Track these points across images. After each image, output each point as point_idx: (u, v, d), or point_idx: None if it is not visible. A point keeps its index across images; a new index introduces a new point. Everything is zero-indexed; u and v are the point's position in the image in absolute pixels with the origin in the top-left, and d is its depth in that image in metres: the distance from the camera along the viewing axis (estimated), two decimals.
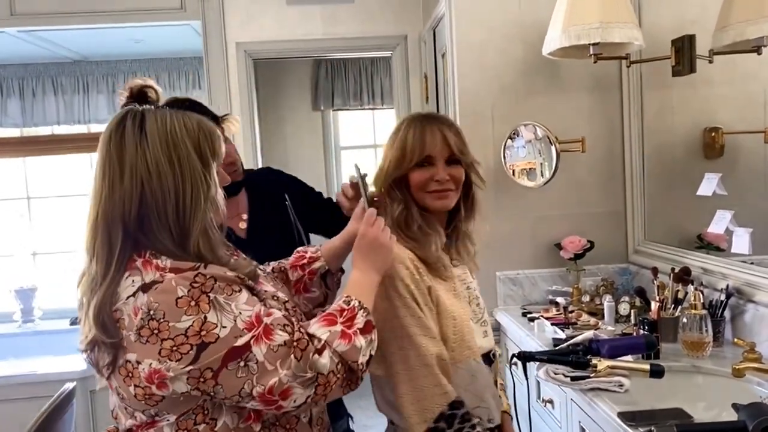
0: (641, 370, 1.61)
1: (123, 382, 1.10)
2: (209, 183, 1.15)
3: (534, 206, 2.76)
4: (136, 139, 1.11)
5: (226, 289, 1.09)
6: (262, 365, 1.07)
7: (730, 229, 2.10)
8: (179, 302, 1.05)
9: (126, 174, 1.10)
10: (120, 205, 1.10)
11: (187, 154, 1.12)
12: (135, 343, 1.07)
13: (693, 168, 2.41)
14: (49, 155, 4.88)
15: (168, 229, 1.11)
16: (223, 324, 1.06)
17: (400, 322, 1.32)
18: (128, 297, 1.08)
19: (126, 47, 4.39)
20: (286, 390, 1.08)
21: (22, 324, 4.41)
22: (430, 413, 1.29)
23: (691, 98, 2.50)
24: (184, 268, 1.09)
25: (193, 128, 1.15)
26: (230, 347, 1.06)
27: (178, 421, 1.12)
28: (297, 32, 3.60)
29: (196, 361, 1.05)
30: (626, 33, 2.26)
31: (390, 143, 1.47)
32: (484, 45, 2.72)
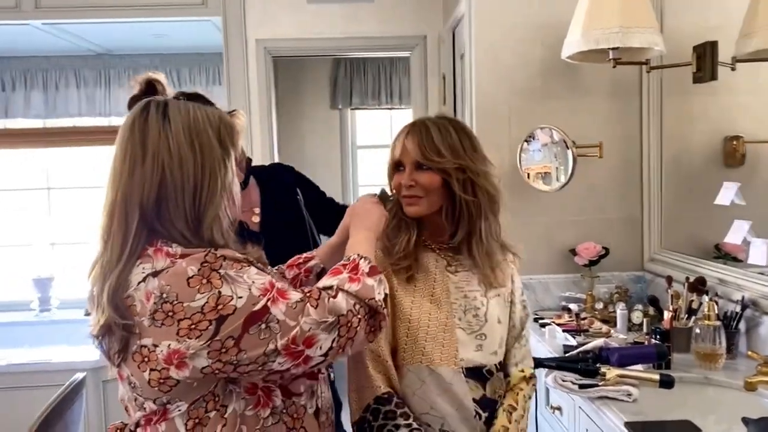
0: (651, 380, 1.59)
1: (137, 369, 1.10)
2: (227, 172, 1.17)
3: (549, 211, 2.73)
4: (160, 125, 1.12)
5: (235, 264, 1.10)
6: (284, 323, 1.08)
7: (747, 239, 2.06)
8: (191, 282, 1.06)
9: (148, 157, 1.11)
10: (139, 188, 1.10)
11: (208, 142, 1.14)
12: (150, 327, 1.07)
13: (712, 176, 2.37)
14: (70, 147, 4.95)
15: (184, 214, 1.12)
16: (238, 295, 1.07)
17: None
18: (138, 283, 1.08)
19: (148, 42, 4.43)
20: (309, 338, 1.09)
21: (39, 313, 4.48)
22: (363, 402, 1.34)
23: (712, 106, 2.47)
24: (194, 253, 1.10)
25: (215, 119, 1.17)
26: (249, 313, 1.06)
27: (189, 410, 1.12)
28: (317, 30, 3.61)
29: (216, 334, 1.05)
30: (647, 38, 2.23)
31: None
32: (503, 46, 2.70)
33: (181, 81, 4.83)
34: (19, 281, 4.66)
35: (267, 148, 3.65)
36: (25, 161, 5.00)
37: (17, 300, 4.61)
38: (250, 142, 3.60)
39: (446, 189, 1.42)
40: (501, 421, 1.42)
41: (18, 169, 5.00)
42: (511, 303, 1.54)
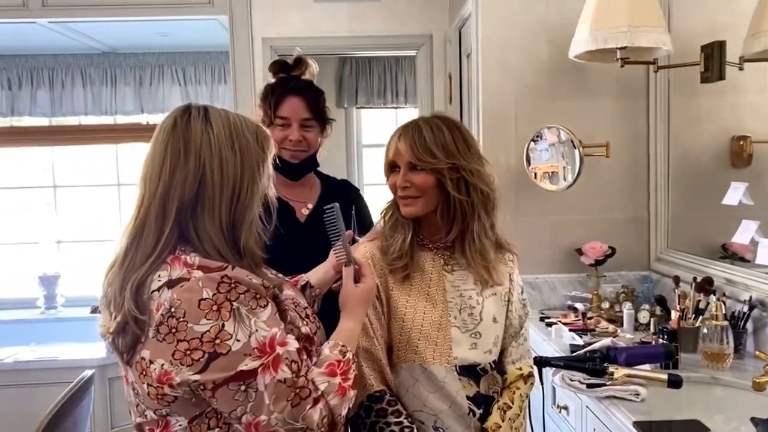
0: (659, 379, 1.59)
1: (138, 378, 1.10)
2: (263, 176, 1.17)
3: (555, 210, 2.73)
4: (202, 126, 1.13)
5: (251, 301, 1.09)
6: (261, 395, 1.07)
7: (755, 239, 2.06)
8: (202, 304, 1.06)
9: (191, 155, 1.11)
10: (181, 185, 1.11)
11: (247, 145, 1.15)
12: (152, 339, 1.07)
13: (719, 176, 2.37)
14: (76, 145, 4.97)
15: (218, 216, 1.12)
16: (237, 337, 1.06)
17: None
18: (153, 291, 1.09)
19: (154, 40, 4.44)
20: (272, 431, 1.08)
21: (45, 310, 4.50)
22: (357, 400, 1.33)
23: (720, 105, 2.46)
24: (212, 267, 1.10)
25: (252, 125, 1.19)
26: (237, 371, 1.06)
27: (191, 426, 1.12)
28: (323, 29, 3.61)
29: (204, 371, 1.05)
30: (654, 37, 2.23)
31: None
32: (510, 46, 2.70)
33: (187, 80, 4.84)
34: (25, 279, 4.68)
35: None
36: (31, 159, 5.02)
37: (23, 297, 4.64)
38: None
39: (441, 188, 1.42)
40: (494, 419, 1.44)
41: (24, 167, 5.02)
42: (509, 302, 1.54)
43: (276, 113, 1.84)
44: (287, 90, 1.86)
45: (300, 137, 1.85)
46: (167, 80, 4.83)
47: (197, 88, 4.84)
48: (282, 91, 1.86)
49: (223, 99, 4.78)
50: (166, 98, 4.81)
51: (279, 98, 1.84)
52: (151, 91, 4.83)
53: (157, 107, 4.78)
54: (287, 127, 1.85)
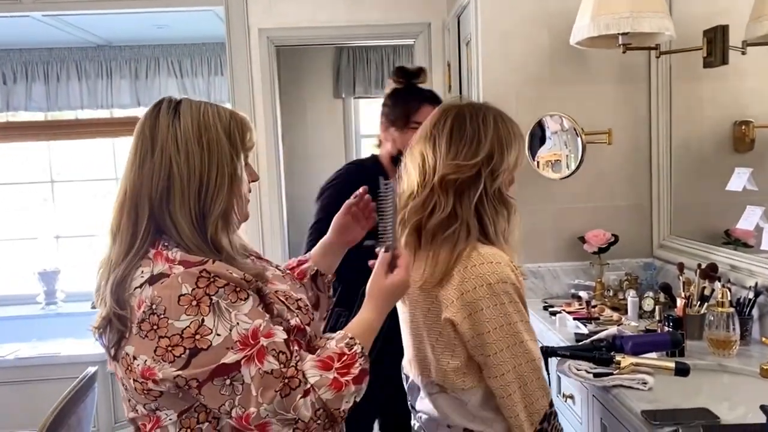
0: (666, 368, 1.59)
1: (125, 373, 1.12)
2: (236, 169, 1.17)
3: (558, 198, 2.72)
4: (169, 119, 1.14)
5: (231, 295, 1.09)
6: (248, 387, 1.06)
7: (760, 225, 2.05)
8: (181, 299, 1.06)
9: (156, 150, 1.13)
10: (148, 180, 1.12)
11: (216, 138, 1.15)
12: (135, 335, 1.08)
13: (722, 162, 2.36)
14: (72, 139, 4.94)
15: (188, 208, 1.12)
16: (218, 331, 1.06)
17: (513, 329, 1.29)
18: (135, 288, 1.10)
19: (149, 32, 4.40)
20: (263, 424, 1.07)
21: (45, 306, 4.49)
22: (538, 416, 1.30)
23: (722, 90, 2.45)
24: (192, 261, 1.10)
25: (226, 116, 1.18)
26: (220, 363, 1.05)
27: (181, 420, 1.13)
28: (320, 19, 3.58)
29: (186, 367, 1.05)
30: (657, 23, 2.21)
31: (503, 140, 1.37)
32: (510, 33, 2.67)
33: (183, 72, 4.80)
34: (24, 275, 4.66)
35: (271, 139, 3.64)
36: (28, 154, 4.98)
37: (23, 294, 4.62)
38: None
39: None
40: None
41: (21, 162, 4.99)
42: None
43: (412, 118, 1.99)
44: (425, 98, 2.03)
45: None
46: (163, 73, 4.80)
47: (194, 81, 4.80)
48: (420, 99, 2.02)
49: (221, 91, 4.75)
50: (163, 91, 4.77)
51: (418, 105, 2.01)
52: (148, 84, 4.79)
53: (154, 100, 4.70)
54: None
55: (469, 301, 1.29)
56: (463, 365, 1.33)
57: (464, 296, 1.29)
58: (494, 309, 1.28)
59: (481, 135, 1.35)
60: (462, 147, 1.35)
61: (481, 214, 1.35)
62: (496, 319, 1.28)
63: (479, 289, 1.28)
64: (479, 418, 1.35)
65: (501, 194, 1.37)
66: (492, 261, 1.29)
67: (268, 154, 3.63)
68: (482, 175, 1.33)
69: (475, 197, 1.34)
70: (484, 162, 1.34)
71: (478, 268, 1.29)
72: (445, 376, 1.34)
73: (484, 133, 1.35)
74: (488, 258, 1.30)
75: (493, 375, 1.29)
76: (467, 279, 1.29)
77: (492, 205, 1.35)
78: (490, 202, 1.35)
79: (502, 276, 1.28)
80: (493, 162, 1.34)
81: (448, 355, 1.33)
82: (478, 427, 1.36)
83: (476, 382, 1.33)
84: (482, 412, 1.35)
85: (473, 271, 1.29)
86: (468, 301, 1.29)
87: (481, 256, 1.30)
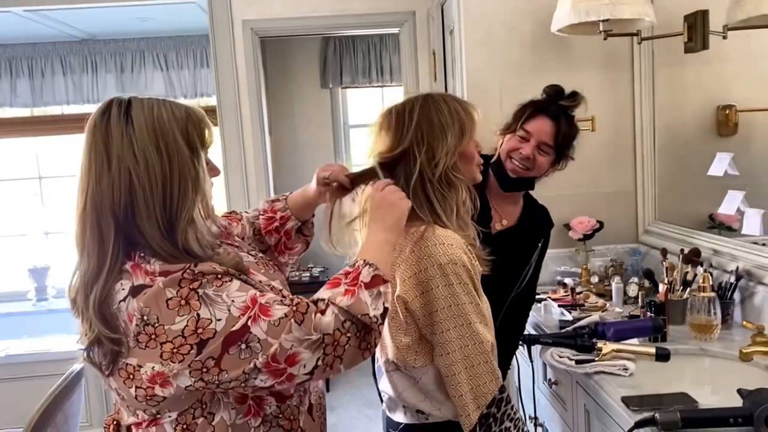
0: (647, 353, 1.60)
1: (123, 384, 1.09)
2: (197, 171, 1.12)
3: (542, 186, 2.69)
4: (122, 127, 1.08)
5: (215, 281, 1.07)
6: (265, 342, 1.04)
7: (741, 209, 2.06)
8: (170, 304, 1.04)
9: (113, 162, 1.06)
10: (109, 194, 1.07)
11: (174, 142, 1.09)
12: (134, 348, 1.05)
13: (705, 146, 2.37)
14: (59, 135, 4.91)
15: (155, 218, 1.07)
16: (217, 317, 1.04)
17: (461, 310, 1.31)
18: (120, 302, 1.07)
19: (133, 26, 4.37)
20: (292, 355, 1.05)
21: (36, 302, 4.48)
22: (485, 399, 1.31)
23: (704, 75, 2.45)
24: (173, 270, 1.07)
25: (181, 116, 1.12)
26: (228, 333, 1.04)
27: (178, 417, 1.12)
28: (304, 9, 3.56)
29: (198, 357, 1.04)
30: (637, 9, 2.21)
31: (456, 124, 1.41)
32: (492, 21, 2.66)
33: (169, 65, 4.78)
34: (15, 271, 4.65)
35: (257, 130, 3.62)
36: (15, 151, 4.96)
37: (14, 290, 4.61)
38: (240, 124, 3.57)
39: None
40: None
41: (8, 158, 4.96)
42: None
43: (523, 125, 1.90)
44: (545, 110, 1.91)
45: (531, 155, 1.90)
46: (149, 66, 4.77)
47: (179, 73, 4.78)
48: (539, 109, 1.92)
49: (207, 83, 4.72)
50: (149, 84, 4.75)
51: (533, 114, 1.90)
52: (133, 77, 4.77)
53: (140, 94, 4.71)
54: (525, 141, 1.90)
55: (421, 281, 1.32)
56: (415, 343, 1.35)
57: (417, 275, 1.32)
58: (444, 289, 1.30)
59: (405, 127, 1.38)
60: (385, 139, 1.40)
61: (430, 199, 1.38)
62: (445, 299, 1.31)
63: (430, 269, 1.31)
64: (430, 398, 1.38)
65: (447, 178, 1.39)
66: (444, 243, 1.32)
67: (254, 147, 3.62)
68: (417, 161, 1.37)
69: (409, 188, 1.37)
70: (416, 151, 1.37)
71: (430, 249, 1.32)
72: (398, 354, 1.37)
73: (408, 124, 1.38)
74: (441, 239, 1.33)
75: (439, 354, 1.32)
76: (421, 259, 1.32)
77: (437, 189, 1.38)
78: (435, 187, 1.38)
79: (452, 257, 1.31)
80: (425, 149, 1.37)
81: (401, 333, 1.35)
82: (427, 407, 1.38)
83: (428, 361, 1.36)
84: (434, 392, 1.37)
85: (426, 251, 1.32)
86: (420, 281, 1.32)
87: (435, 237, 1.33)
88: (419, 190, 1.38)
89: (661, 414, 1.28)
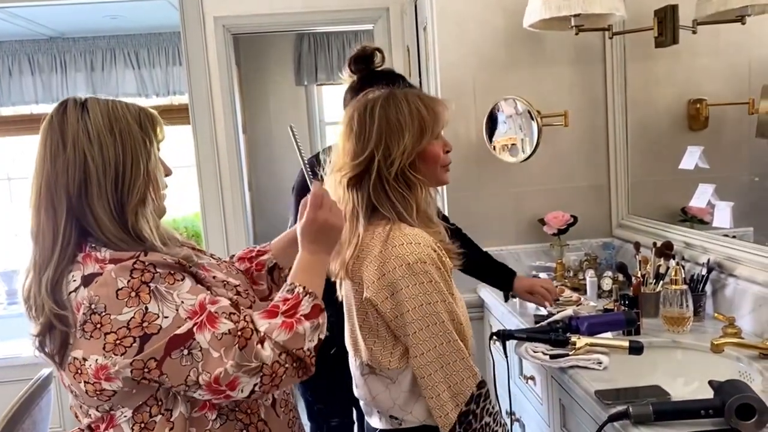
0: (620, 347, 1.61)
1: (74, 379, 1.09)
2: (150, 156, 1.15)
3: (517, 182, 2.73)
4: (78, 114, 1.12)
5: (168, 278, 1.09)
6: (207, 352, 1.06)
7: (712, 202, 2.08)
8: (120, 294, 1.05)
9: (69, 144, 1.10)
10: (63, 174, 1.10)
11: (128, 127, 1.13)
12: (80, 339, 1.07)
13: (677, 140, 2.39)
14: (28, 135, 4.81)
15: (106, 199, 1.10)
16: (165, 314, 1.06)
17: (432, 308, 1.29)
18: (70, 293, 1.08)
19: (103, 23, 4.30)
20: (233, 380, 1.07)
21: (7, 306, 4.40)
22: (463, 397, 1.30)
23: (675, 70, 2.47)
24: (123, 258, 1.09)
25: (135, 109, 1.17)
26: (172, 336, 1.05)
27: (134, 415, 1.12)
28: (277, 6, 3.51)
29: (140, 352, 1.05)
30: (607, 3, 2.22)
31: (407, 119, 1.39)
32: (465, 17, 2.66)
33: (141, 63, 4.71)
34: None
35: (231, 128, 3.58)
36: None
37: None
38: (212, 123, 3.53)
39: None
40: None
41: None
42: None
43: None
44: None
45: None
46: (120, 64, 4.70)
47: (152, 71, 4.71)
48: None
49: (180, 81, 4.66)
50: (120, 82, 4.68)
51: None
52: (104, 76, 4.69)
53: (111, 92, 4.65)
54: None
55: (389, 282, 1.30)
56: (389, 345, 1.34)
57: (385, 277, 1.31)
58: (413, 288, 1.29)
59: (367, 128, 1.37)
60: (351, 146, 1.38)
61: (390, 197, 1.36)
62: (415, 299, 1.29)
63: (398, 270, 1.29)
64: (402, 402, 1.36)
65: (405, 177, 1.37)
66: (412, 242, 1.31)
67: (228, 145, 3.57)
68: (374, 163, 1.36)
69: (369, 187, 1.36)
70: (375, 151, 1.36)
71: (397, 249, 1.31)
72: (372, 357, 1.36)
73: (369, 125, 1.37)
74: (408, 238, 1.32)
75: (413, 355, 1.31)
76: (387, 260, 1.31)
77: (395, 188, 1.36)
78: (393, 187, 1.36)
79: (421, 256, 1.29)
80: (383, 147, 1.36)
81: (373, 335, 1.34)
82: (399, 413, 1.37)
83: (404, 363, 1.34)
84: (407, 395, 1.35)
85: (393, 251, 1.31)
86: (388, 282, 1.30)
87: (402, 236, 1.32)
88: (379, 189, 1.37)
89: (634, 407, 1.28)
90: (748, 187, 2.13)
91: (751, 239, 2.00)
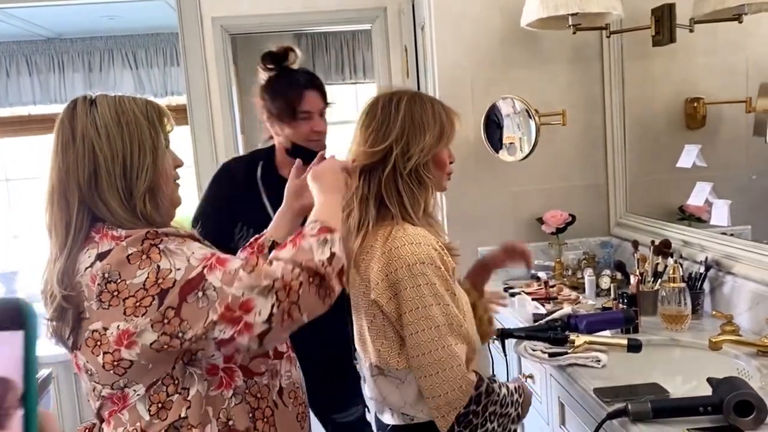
0: (619, 345, 1.61)
1: (91, 354, 1.12)
2: (157, 147, 1.19)
3: (515, 181, 2.73)
4: (86, 109, 1.16)
5: (177, 239, 1.13)
6: (221, 290, 1.08)
7: (709, 201, 2.09)
8: (131, 259, 1.09)
9: (78, 137, 1.15)
10: (74, 167, 1.14)
11: (134, 119, 1.17)
12: (98, 311, 1.09)
13: (675, 139, 2.39)
14: (26, 136, 4.81)
15: (116, 188, 1.14)
16: (176, 266, 1.09)
17: (427, 312, 1.29)
18: (86, 268, 1.11)
19: (100, 24, 4.30)
20: (245, 302, 1.07)
21: None
22: (460, 402, 1.30)
23: (673, 68, 2.47)
24: (137, 233, 1.12)
25: (141, 101, 1.21)
26: (184, 282, 1.08)
27: (150, 395, 1.13)
28: (275, 6, 3.51)
29: (159, 308, 1.07)
30: (604, 2, 2.22)
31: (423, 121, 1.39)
32: (463, 16, 2.66)
33: (138, 63, 4.70)
34: None
35: (229, 128, 3.58)
36: None
37: None
38: (210, 123, 3.53)
39: None
40: None
41: None
42: None
43: (299, 108, 1.90)
44: (304, 86, 1.93)
45: (324, 127, 1.95)
46: (118, 64, 4.69)
47: (149, 72, 4.71)
48: (300, 87, 1.92)
49: (177, 82, 4.66)
50: (118, 83, 4.67)
51: (300, 94, 1.91)
52: (102, 76, 4.68)
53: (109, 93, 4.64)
54: (310, 120, 1.93)
55: (392, 282, 1.31)
56: (396, 345, 1.34)
57: (388, 277, 1.31)
58: (411, 291, 1.29)
59: (391, 119, 1.38)
60: (371, 133, 1.39)
61: (399, 192, 1.37)
62: (412, 301, 1.29)
63: (400, 271, 1.30)
64: (413, 401, 1.36)
65: (418, 174, 1.38)
66: (413, 242, 1.31)
67: (226, 144, 3.57)
68: (391, 155, 1.36)
69: (382, 178, 1.37)
70: (394, 144, 1.37)
71: (400, 250, 1.31)
72: (380, 357, 1.36)
73: (394, 117, 1.38)
74: (410, 239, 1.32)
75: (412, 356, 1.31)
76: (391, 260, 1.31)
77: (407, 184, 1.37)
78: (405, 182, 1.37)
79: (421, 257, 1.29)
80: (403, 142, 1.36)
81: (381, 336, 1.34)
82: (410, 410, 1.37)
83: (406, 362, 1.34)
84: (417, 394, 1.35)
85: (396, 252, 1.31)
86: (391, 282, 1.31)
87: (405, 236, 1.32)
88: (390, 181, 1.37)
89: (633, 405, 1.29)
90: (746, 185, 2.14)
91: (749, 237, 2.00)
